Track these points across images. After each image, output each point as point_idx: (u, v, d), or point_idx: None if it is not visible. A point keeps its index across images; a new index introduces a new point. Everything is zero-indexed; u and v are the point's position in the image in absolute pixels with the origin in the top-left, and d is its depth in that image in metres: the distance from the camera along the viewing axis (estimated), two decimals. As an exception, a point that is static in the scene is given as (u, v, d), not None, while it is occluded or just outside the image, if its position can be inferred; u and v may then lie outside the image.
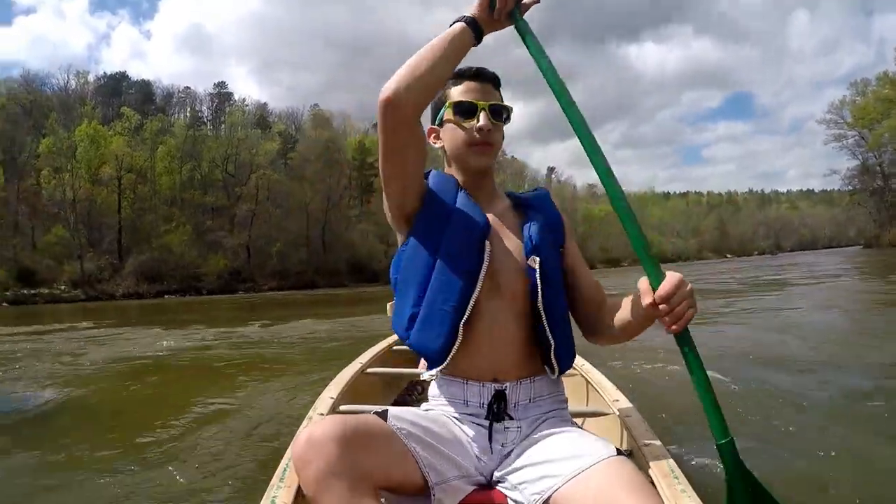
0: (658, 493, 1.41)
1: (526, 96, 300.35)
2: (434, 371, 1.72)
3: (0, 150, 59.28)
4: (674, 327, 1.42)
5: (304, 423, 2.12)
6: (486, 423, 1.67)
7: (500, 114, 1.79)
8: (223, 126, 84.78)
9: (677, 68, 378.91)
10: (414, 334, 1.72)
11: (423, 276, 1.71)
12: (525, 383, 1.72)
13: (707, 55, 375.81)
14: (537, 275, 1.68)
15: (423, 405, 1.84)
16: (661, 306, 1.42)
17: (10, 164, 58.57)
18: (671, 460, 1.71)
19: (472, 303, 1.66)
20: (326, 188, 73.29)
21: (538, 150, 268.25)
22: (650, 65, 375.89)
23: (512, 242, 1.76)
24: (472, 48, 1.64)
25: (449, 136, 1.81)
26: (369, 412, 2.07)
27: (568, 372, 1.87)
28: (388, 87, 1.55)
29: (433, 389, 1.81)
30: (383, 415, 1.54)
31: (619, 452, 1.48)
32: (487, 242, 1.70)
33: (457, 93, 1.79)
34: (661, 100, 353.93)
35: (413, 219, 1.76)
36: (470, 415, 1.70)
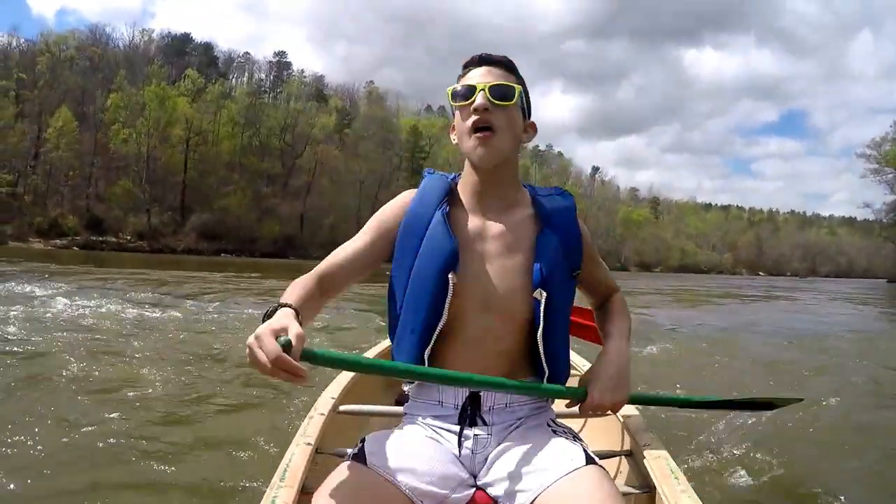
0: (622, 500, 1.39)
1: (577, 90, 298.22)
2: (409, 387, 1.77)
3: (74, 102, 62.78)
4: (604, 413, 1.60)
5: (304, 422, 2.10)
6: (457, 427, 1.62)
7: (504, 93, 1.61)
8: (281, 95, 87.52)
9: (733, 77, 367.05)
10: (394, 356, 1.73)
11: (399, 303, 1.70)
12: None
13: (765, 67, 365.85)
14: (541, 308, 1.59)
15: (404, 406, 1.82)
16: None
17: (80, 117, 61.75)
18: (671, 460, 1.70)
19: (435, 335, 1.61)
20: (380, 167, 75.86)
21: (586, 146, 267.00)
22: (706, 71, 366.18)
23: (518, 259, 1.63)
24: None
25: (457, 129, 1.69)
26: (369, 411, 2.33)
27: None
28: None
29: (412, 389, 1.77)
30: (361, 456, 1.48)
31: (589, 460, 1.45)
32: (452, 275, 1.59)
33: (461, 81, 1.67)
34: (714, 107, 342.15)
35: (393, 244, 1.71)
36: (443, 417, 1.66)
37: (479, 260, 1.64)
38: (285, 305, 1.41)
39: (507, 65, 1.68)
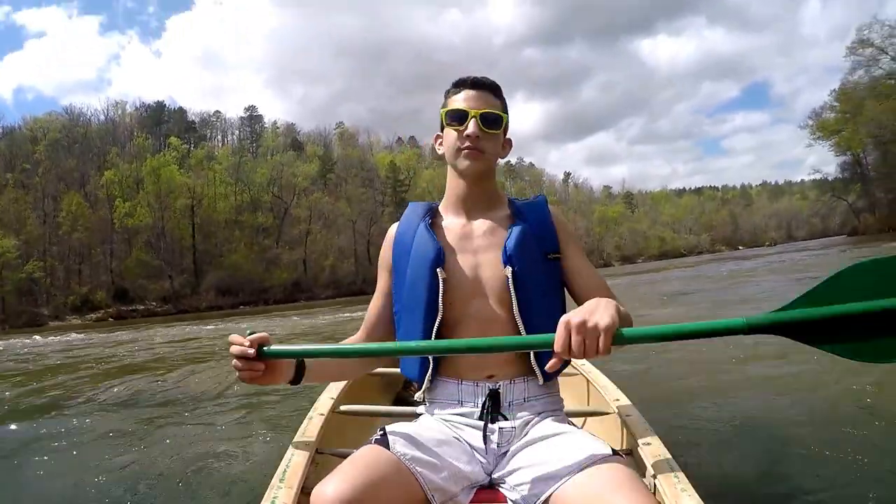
0: (650, 493, 1.37)
1: (541, 96, 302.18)
2: (420, 393, 1.84)
3: (74, 183, 67.01)
4: (593, 355, 1.37)
5: (304, 423, 2.12)
6: (480, 422, 1.69)
7: (494, 121, 1.79)
8: (259, 149, 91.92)
9: (692, 60, 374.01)
10: (402, 365, 1.88)
11: (400, 313, 1.85)
12: (519, 382, 1.74)
13: (721, 45, 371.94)
14: (510, 283, 1.71)
15: (422, 407, 1.89)
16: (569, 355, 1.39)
17: (83, 196, 65.66)
18: (671, 459, 1.70)
19: (434, 330, 1.73)
20: (367, 206, 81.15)
21: (553, 151, 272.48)
22: (664, 58, 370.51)
23: (495, 249, 1.78)
24: None
25: (445, 143, 1.85)
26: (369, 411, 2.44)
27: (568, 372, 1.98)
28: None
29: (431, 389, 1.83)
30: (384, 441, 1.55)
31: (614, 452, 1.49)
32: (440, 270, 1.74)
33: (453, 101, 1.82)
34: (678, 93, 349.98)
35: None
36: (464, 415, 1.73)
37: (466, 256, 1.80)
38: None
39: (494, 88, 1.85)
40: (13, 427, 5.63)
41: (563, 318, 1.39)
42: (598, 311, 1.40)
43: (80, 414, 5.38)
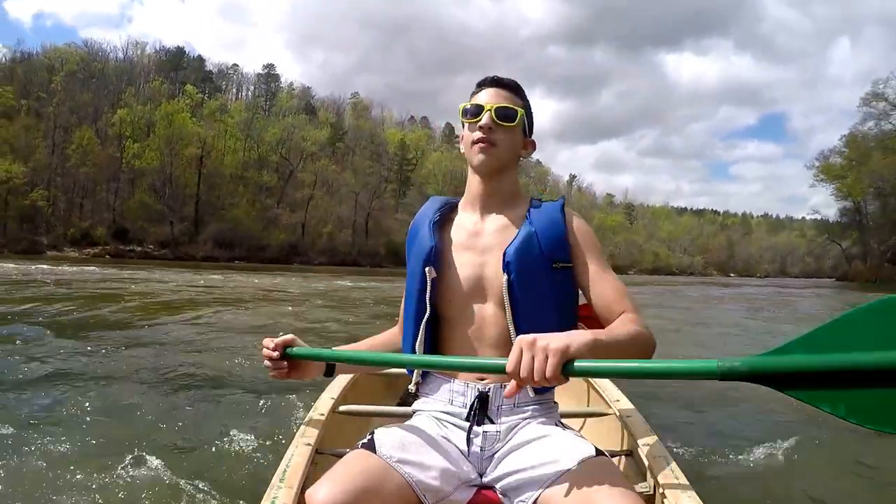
0: (634, 492, 1.35)
1: (560, 95, 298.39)
2: (412, 385, 1.83)
3: (86, 118, 67.72)
4: (541, 378, 1.26)
5: (304, 423, 2.11)
6: (466, 424, 1.66)
7: (509, 116, 1.76)
8: (273, 108, 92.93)
9: (714, 82, 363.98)
10: (402, 351, 1.88)
11: (405, 307, 1.87)
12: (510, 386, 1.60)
13: (745, 72, 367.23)
14: (505, 291, 1.67)
15: (415, 403, 1.87)
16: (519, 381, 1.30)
17: (94, 131, 66.43)
18: (672, 460, 1.69)
19: (422, 327, 1.74)
20: (372, 179, 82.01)
21: (563, 151, 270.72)
22: (687, 75, 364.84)
23: (500, 253, 1.72)
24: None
25: (464, 140, 1.83)
26: (369, 411, 2.35)
27: None
28: None
29: (424, 384, 1.82)
30: (371, 445, 1.54)
31: (598, 452, 1.48)
32: (429, 269, 1.73)
33: (473, 99, 1.82)
34: (695, 112, 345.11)
35: None
36: (452, 413, 1.71)
37: (471, 254, 1.77)
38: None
39: (514, 88, 1.83)
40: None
41: (518, 338, 1.31)
42: (556, 335, 1.29)
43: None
